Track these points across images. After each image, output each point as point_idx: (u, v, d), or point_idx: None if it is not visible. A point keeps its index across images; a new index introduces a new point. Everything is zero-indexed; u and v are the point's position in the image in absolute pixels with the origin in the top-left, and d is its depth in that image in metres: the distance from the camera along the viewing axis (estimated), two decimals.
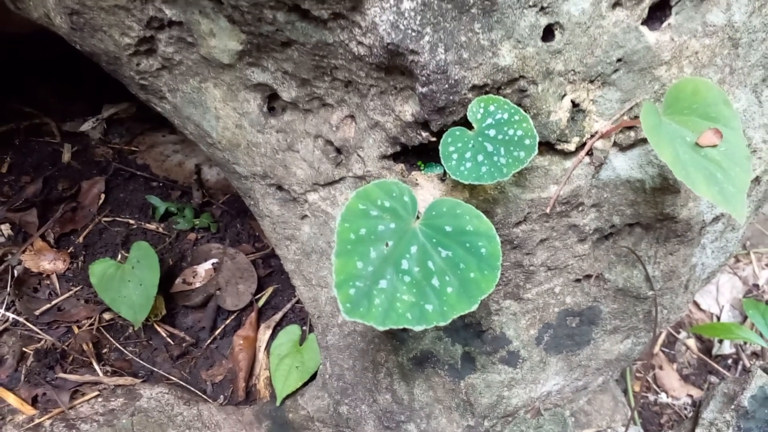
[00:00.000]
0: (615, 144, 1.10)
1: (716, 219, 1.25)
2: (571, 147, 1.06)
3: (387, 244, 0.91)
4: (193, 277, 1.78)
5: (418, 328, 0.87)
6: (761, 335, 1.97)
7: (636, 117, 1.06)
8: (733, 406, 1.21)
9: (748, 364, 2.13)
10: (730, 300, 2.30)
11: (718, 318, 2.26)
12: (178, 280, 1.77)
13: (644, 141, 1.11)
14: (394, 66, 0.98)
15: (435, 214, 0.95)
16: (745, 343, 2.18)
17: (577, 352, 1.35)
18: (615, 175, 1.12)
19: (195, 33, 1.11)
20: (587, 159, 1.09)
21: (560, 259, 1.20)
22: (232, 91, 1.19)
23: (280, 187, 1.25)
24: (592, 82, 1.03)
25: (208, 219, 1.95)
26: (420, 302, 0.88)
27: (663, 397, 2.06)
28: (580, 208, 1.14)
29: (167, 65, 1.20)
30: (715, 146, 0.93)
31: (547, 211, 1.10)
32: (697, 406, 1.29)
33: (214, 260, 1.83)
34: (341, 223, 0.89)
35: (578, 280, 1.26)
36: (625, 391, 1.86)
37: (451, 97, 0.97)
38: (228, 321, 1.75)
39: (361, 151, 1.12)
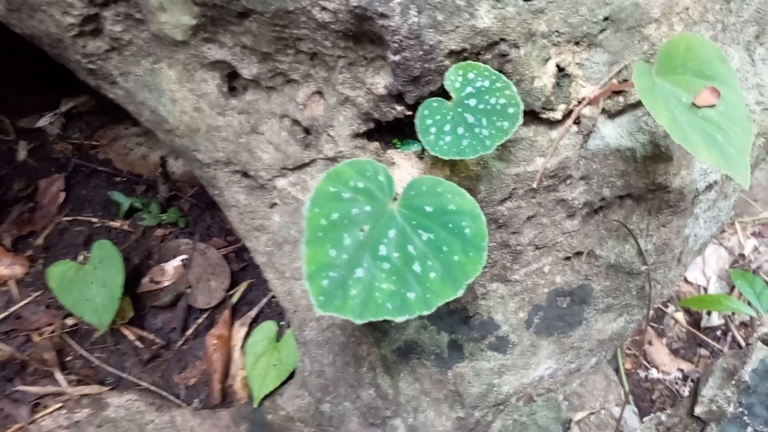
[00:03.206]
0: (603, 111, 1.03)
1: (709, 187, 1.19)
2: (558, 115, 0.98)
3: (362, 229, 0.83)
4: (162, 276, 1.68)
5: (399, 319, 0.79)
6: (749, 304, 1.94)
7: (625, 80, 0.99)
8: (733, 382, 1.15)
9: (737, 335, 2.10)
10: (716, 271, 2.27)
11: (706, 290, 2.23)
12: (146, 280, 1.67)
13: (633, 107, 1.04)
14: (362, 33, 0.89)
15: (414, 193, 0.87)
16: (733, 313, 2.15)
17: (569, 334, 1.29)
18: (604, 144, 1.05)
19: (143, 8, 1.01)
20: (575, 128, 1.01)
21: (549, 237, 1.13)
22: (188, 71, 1.09)
23: (245, 174, 1.16)
24: (577, 43, 0.95)
25: (175, 213, 1.85)
26: (401, 290, 0.80)
27: (654, 373, 2.02)
28: (569, 181, 1.07)
29: (116, 46, 1.10)
30: (713, 106, 0.86)
31: (534, 185, 1.02)
32: (696, 382, 1.24)
33: (184, 256, 1.73)
34: (310, 207, 0.81)
35: (568, 258, 1.19)
36: (617, 370, 1.82)
37: (426, 65, 0.89)
38: (200, 320, 1.65)
39: (331, 129, 1.03)
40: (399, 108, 0.96)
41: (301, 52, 0.98)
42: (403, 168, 1.03)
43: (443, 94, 0.91)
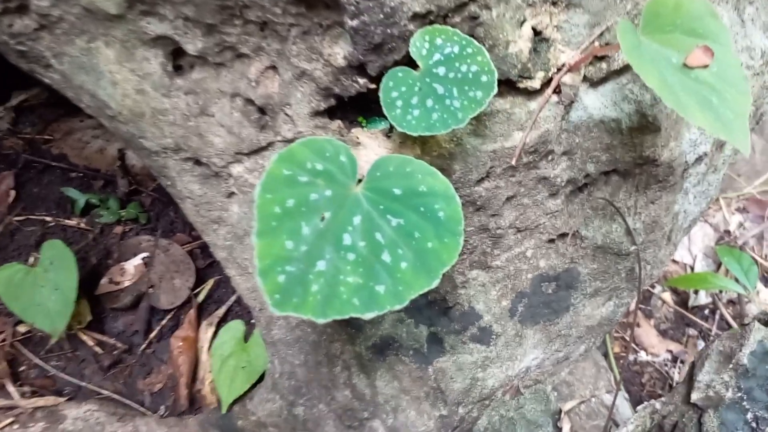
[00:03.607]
0: (585, 79, 0.94)
1: (699, 159, 1.11)
2: (536, 84, 0.89)
3: (323, 217, 0.74)
4: (121, 275, 1.57)
5: (368, 316, 0.70)
6: (737, 281, 1.89)
7: (608, 44, 0.90)
8: (731, 365, 1.08)
9: (725, 313, 2.05)
10: (702, 249, 2.22)
11: (692, 268, 2.17)
12: (104, 280, 1.56)
13: (618, 73, 0.96)
14: None
15: (380, 174, 0.78)
16: (721, 291, 2.10)
17: (555, 321, 1.21)
18: (587, 115, 0.97)
19: None
20: (555, 98, 0.92)
21: (530, 219, 1.05)
22: (127, 50, 0.98)
23: (197, 161, 1.05)
24: (554, 4, 0.86)
25: (136, 209, 1.73)
26: (369, 283, 0.72)
27: (643, 356, 1.97)
28: (550, 157, 0.98)
29: (46, 24, 0.98)
30: (706, 67, 0.78)
31: (513, 162, 0.93)
32: (691, 367, 1.17)
33: (145, 254, 1.62)
34: (261, 194, 0.71)
35: (552, 241, 1.11)
36: (606, 355, 1.75)
37: (388, 30, 0.79)
38: (164, 321, 1.55)
39: (288, 108, 0.94)
40: (361, 81, 0.86)
41: (249, 22, 0.88)
42: (370, 148, 0.94)
43: (410, 63, 0.82)
